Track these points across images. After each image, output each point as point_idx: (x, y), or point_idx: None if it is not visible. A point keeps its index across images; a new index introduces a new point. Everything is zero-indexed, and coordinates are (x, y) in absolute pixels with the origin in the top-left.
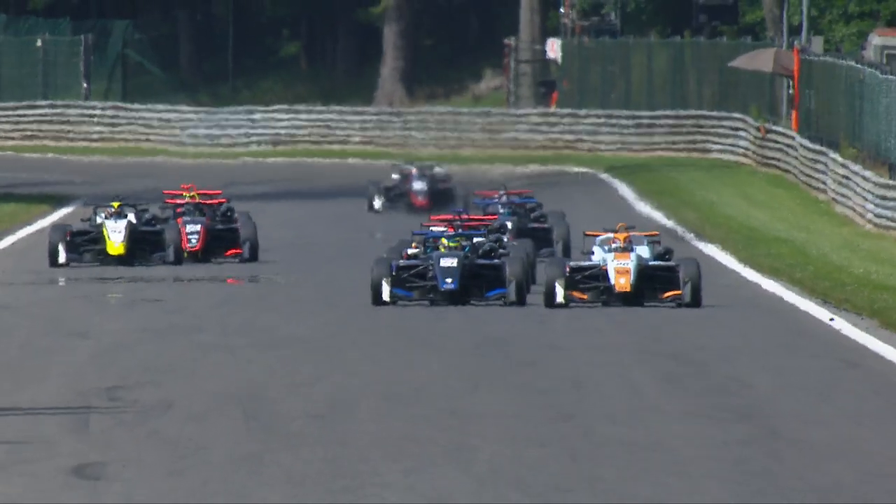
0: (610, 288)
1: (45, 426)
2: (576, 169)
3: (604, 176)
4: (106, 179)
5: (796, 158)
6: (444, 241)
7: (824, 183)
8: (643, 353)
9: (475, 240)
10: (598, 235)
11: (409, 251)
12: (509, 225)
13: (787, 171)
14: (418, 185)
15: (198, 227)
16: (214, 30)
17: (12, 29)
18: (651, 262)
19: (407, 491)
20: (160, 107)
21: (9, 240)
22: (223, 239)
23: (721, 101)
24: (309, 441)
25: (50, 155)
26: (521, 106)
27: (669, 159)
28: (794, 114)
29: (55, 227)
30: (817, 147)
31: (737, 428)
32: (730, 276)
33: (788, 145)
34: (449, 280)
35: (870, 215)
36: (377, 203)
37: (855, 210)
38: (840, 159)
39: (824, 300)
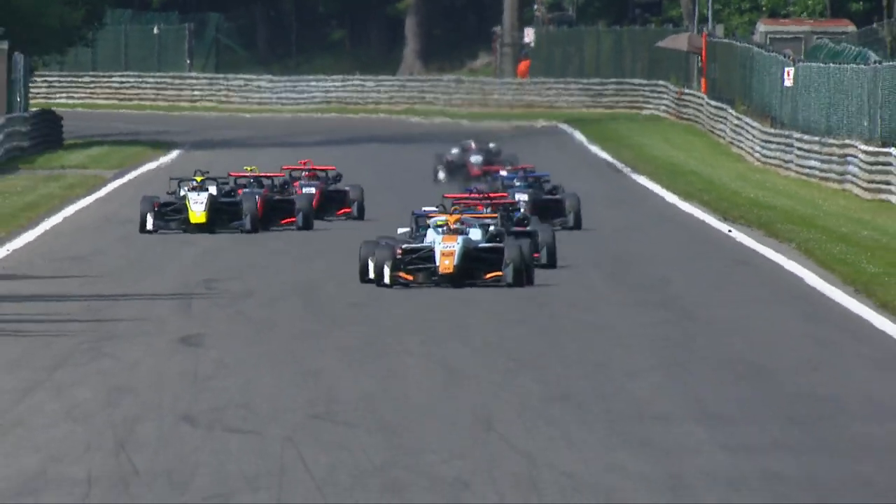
0: (435, 269)
1: (158, 307)
2: (542, 122)
3: (563, 126)
4: (203, 129)
5: (704, 113)
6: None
7: (724, 131)
8: (594, 260)
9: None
10: (432, 217)
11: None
12: (525, 197)
13: (697, 122)
14: (475, 158)
15: (313, 190)
16: (282, 20)
17: (136, 20)
18: (479, 245)
19: (423, 357)
20: (242, 76)
21: (134, 173)
22: (334, 200)
23: (650, 72)
24: (351, 322)
25: (161, 112)
26: (504, 77)
27: (612, 115)
28: (702, 81)
29: (145, 198)
30: (719, 105)
31: (660, 313)
32: (655, 199)
33: (698, 104)
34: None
35: (757, 155)
36: (441, 174)
37: (746, 151)
38: (735, 114)
39: (724, 217)
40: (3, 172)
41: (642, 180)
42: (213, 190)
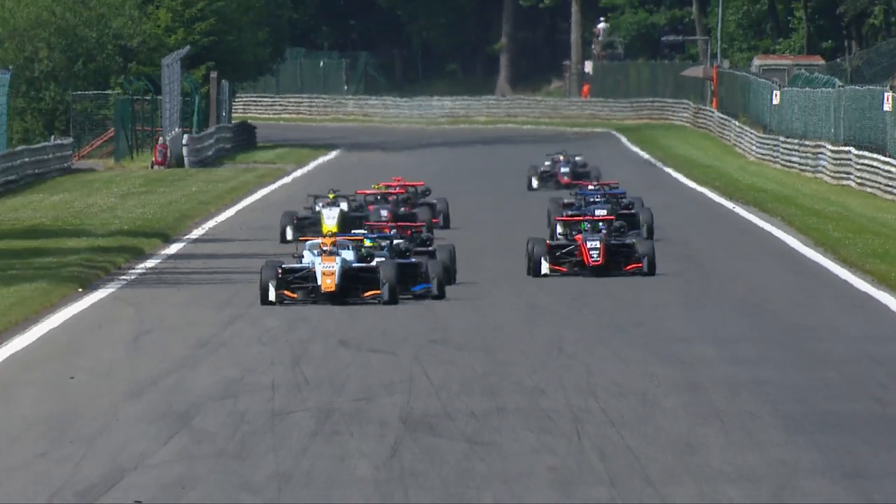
0: (318, 288)
1: None
2: (598, 130)
3: (614, 133)
4: (354, 136)
5: (714, 123)
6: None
7: (729, 136)
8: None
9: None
10: (308, 240)
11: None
12: (604, 212)
13: (709, 130)
14: (564, 169)
15: (385, 213)
16: (412, 57)
17: (308, 57)
18: (354, 265)
19: (513, 297)
20: (382, 98)
21: (308, 167)
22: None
23: (676, 94)
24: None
25: (324, 124)
26: (571, 97)
27: (648, 124)
28: (713, 100)
29: (285, 213)
30: (725, 117)
31: (683, 264)
32: (679, 184)
33: (710, 116)
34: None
35: (753, 153)
36: (534, 182)
37: (745, 150)
38: (737, 123)
39: (729, 197)
40: (213, 166)
41: (670, 171)
42: (343, 206)
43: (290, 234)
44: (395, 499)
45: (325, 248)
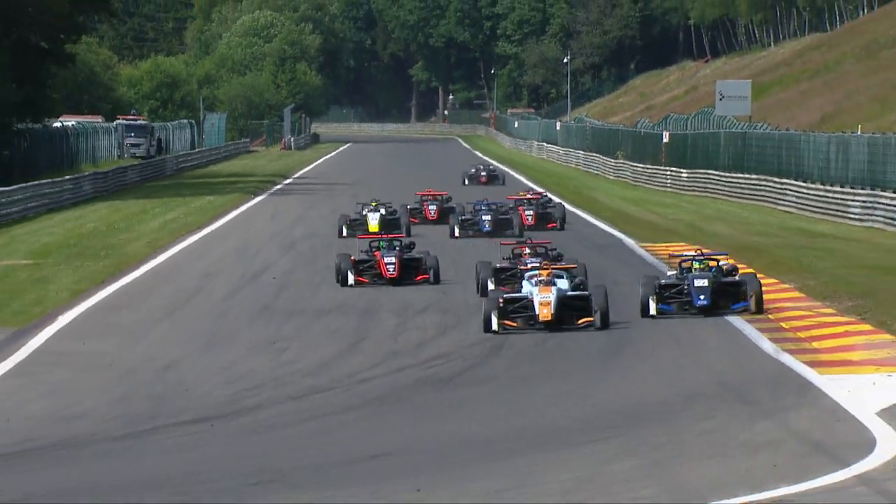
0: (535, 316)
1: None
2: (448, 138)
3: (457, 139)
4: (358, 139)
5: (493, 136)
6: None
7: (503, 141)
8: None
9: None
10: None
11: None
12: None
13: (491, 139)
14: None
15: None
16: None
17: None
18: (569, 293)
19: None
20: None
21: (337, 151)
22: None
23: (479, 123)
24: None
25: (351, 134)
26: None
27: (469, 136)
28: (493, 125)
29: (341, 215)
30: (500, 133)
31: None
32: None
33: (493, 134)
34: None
35: (509, 146)
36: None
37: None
38: (503, 135)
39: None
40: (303, 150)
41: (479, 153)
42: (382, 211)
43: (344, 232)
44: None
45: (541, 279)
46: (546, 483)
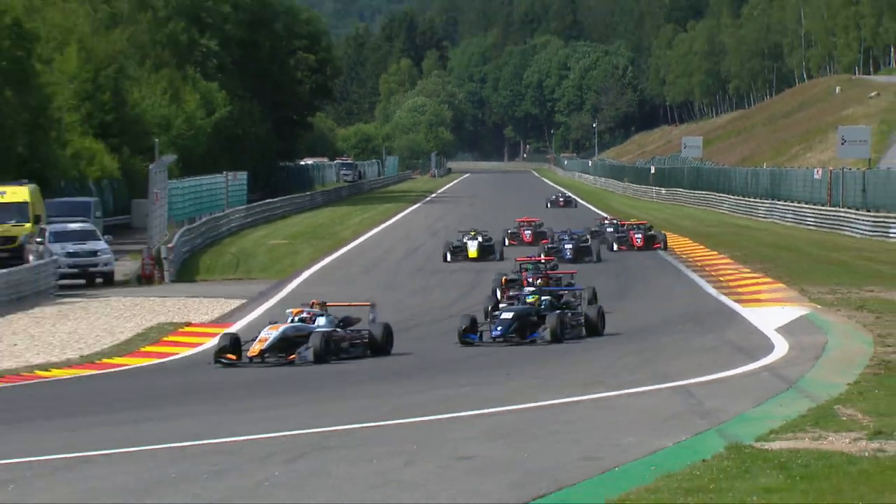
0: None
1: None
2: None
3: (533, 172)
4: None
5: (555, 171)
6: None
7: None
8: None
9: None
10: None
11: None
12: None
13: (553, 171)
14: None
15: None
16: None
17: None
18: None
19: None
20: (467, 159)
21: (462, 177)
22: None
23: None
24: None
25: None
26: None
27: (541, 170)
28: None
29: (446, 242)
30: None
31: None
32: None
33: (554, 169)
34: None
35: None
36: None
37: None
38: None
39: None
40: (442, 177)
41: (558, 185)
42: (479, 238)
43: (448, 257)
44: None
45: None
46: (582, 370)
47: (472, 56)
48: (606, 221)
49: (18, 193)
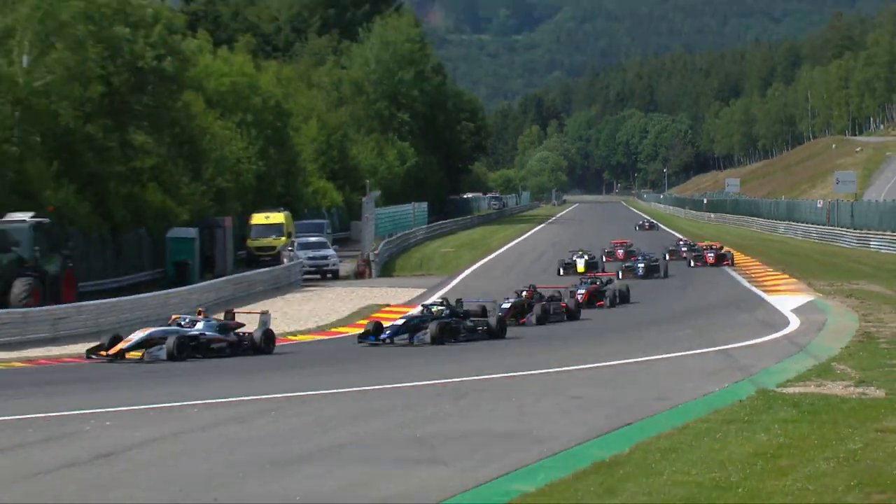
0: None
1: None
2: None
3: (622, 202)
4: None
5: (637, 201)
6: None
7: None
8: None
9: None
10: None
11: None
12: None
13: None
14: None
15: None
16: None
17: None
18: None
19: None
20: (574, 193)
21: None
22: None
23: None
24: None
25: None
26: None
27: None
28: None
29: (559, 260)
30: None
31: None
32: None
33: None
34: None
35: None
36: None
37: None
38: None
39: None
40: (560, 204)
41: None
42: (585, 257)
43: (561, 272)
44: None
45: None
46: (644, 340)
47: (581, 123)
48: (681, 242)
49: (277, 217)
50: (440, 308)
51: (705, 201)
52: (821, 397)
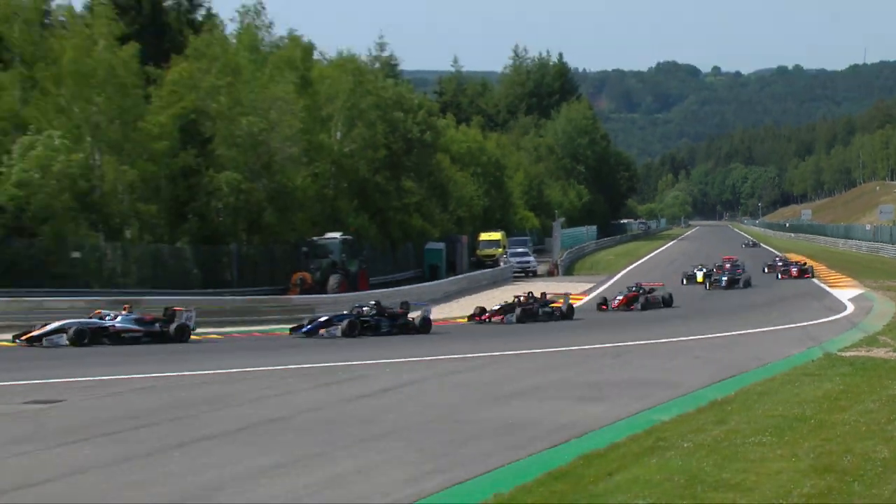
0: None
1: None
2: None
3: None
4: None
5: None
6: None
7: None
8: None
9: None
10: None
11: None
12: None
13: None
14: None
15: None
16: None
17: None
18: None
19: None
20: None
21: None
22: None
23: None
24: None
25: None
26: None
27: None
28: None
29: (682, 272)
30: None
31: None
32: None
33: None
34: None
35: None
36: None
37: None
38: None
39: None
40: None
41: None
42: (704, 269)
43: (684, 282)
44: None
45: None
46: (743, 319)
47: (701, 173)
48: (777, 258)
49: (496, 235)
50: (369, 308)
51: (787, 225)
52: (869, 359)
